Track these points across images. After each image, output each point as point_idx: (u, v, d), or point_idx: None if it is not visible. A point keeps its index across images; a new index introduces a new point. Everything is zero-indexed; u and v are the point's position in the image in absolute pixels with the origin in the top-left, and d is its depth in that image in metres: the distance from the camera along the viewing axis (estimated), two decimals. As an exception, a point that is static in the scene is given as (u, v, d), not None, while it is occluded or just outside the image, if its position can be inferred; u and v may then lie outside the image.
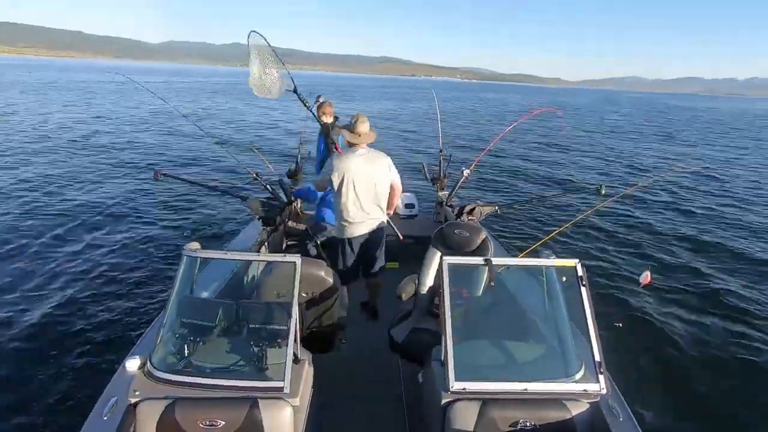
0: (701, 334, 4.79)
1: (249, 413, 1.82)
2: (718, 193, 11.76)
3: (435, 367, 2.07)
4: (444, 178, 5.05)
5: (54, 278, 5.09)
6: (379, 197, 3.35)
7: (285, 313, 2.05)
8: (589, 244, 7.19)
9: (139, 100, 26.03)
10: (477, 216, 3.87)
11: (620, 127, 30.19)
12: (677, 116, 47.39)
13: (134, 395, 1.87)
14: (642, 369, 4.09)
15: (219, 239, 6.43)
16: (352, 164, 3.21)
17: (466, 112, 34.67)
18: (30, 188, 8.49)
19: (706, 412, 3.65)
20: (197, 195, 8.23)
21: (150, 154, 12.40)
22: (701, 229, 8.51)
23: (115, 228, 6.73)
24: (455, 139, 17.02)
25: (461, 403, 1.91)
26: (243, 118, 18.06)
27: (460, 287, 2.33)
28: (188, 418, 1.82)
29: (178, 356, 2.02)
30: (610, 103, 72.20)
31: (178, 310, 2.15)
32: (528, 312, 2.50)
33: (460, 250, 2.87)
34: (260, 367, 1.96)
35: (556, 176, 12.94)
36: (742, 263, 6.86)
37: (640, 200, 10.13)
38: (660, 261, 6.74)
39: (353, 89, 65.90)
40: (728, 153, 20.10)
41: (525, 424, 1.89)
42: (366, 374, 3.09)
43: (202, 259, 2.30)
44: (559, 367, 2.08)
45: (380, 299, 3.80)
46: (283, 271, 2.24)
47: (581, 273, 2.14)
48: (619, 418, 1.91)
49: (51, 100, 25.74)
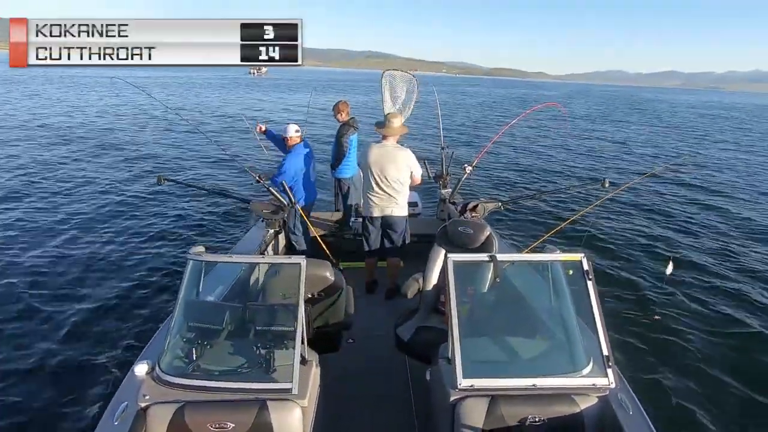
0: (711, 326, 4.76)
1: (258, 415, 1.83)
2: (726, 185, 11.73)
3: (442, 364, 2.07)
4: (446, 175, 5.03)
5: (60, 286, 5.10)
6: (395, 185, 3.77)
7: (291, 315, 2.05)
8: (594, 237, 7.16)
9: (136, 99, 25.99)
10: (480, 213, 3.85)
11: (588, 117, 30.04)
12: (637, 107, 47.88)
13: (144, 400, 1.88)
14: (651, 362, 4.07)
15: (223, 242, 6.45)
16: (374, 154, 3.74)
17: (451, 106, 34.58)
18: (35, 195, 8.52)
19: (717, 405, 3.63)
20: (201, 199, 8.24)
21: (152, 159, 12.39)
22: (710, 221, 8.48)
23: (120, 234, 6.74)
24: (455, 136, 16.99)
25: (470, 400, 1.91)
26: (242, 117, 18.06)
27: (465, 284, 2.32)
28: (198, 421, 1.83)
29: (187, 360, 2.02)
30: (582, 96, 72.35)
31: (185, 314, 2.16)
32: (534, 307, 2.49)
33: (465, 247, 2.87)
34: (268, 369, 1.97)
35: (559, 171, 12.89)
36: (752, 253, 6.82)
37: (645, 192, 10.09)
38: (668, 253, 6.71)
39: (345, 84, 65.91)
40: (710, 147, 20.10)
41: (534, 419, 1.89)
42: (373, 373, 3.09)
43: (208, 263, 2.30)
44: (567, 362, 2.07)
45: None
46: (289, 273, 2.24)
47: (587, 267, 2.13)
48: (629, 412, 1.90)
49: (49, 99, 25.71)
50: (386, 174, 3.73)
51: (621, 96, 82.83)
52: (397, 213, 3.87)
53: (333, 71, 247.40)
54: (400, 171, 3.74)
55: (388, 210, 3.84)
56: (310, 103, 6.32)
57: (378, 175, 3.74)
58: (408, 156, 3.77)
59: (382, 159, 3.72)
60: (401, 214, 3.90)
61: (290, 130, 4.28)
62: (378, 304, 3.96)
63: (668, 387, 3.75)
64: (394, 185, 3.77)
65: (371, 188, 3.81)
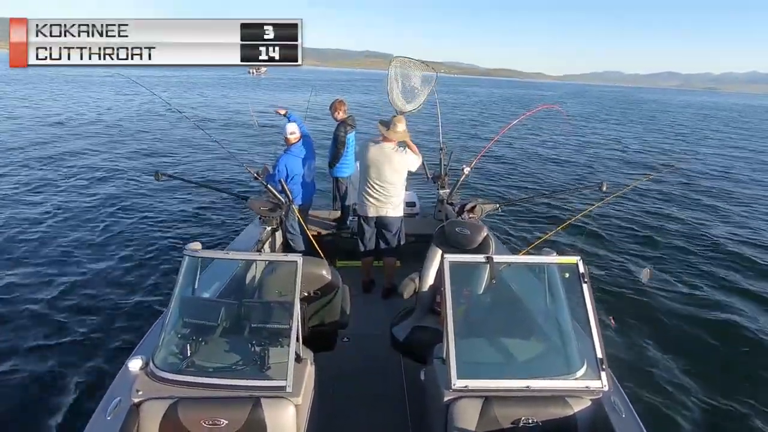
0: (704, 330, 4.77)
1: (252, 412, 1.84)
2: (720, 188, 11.75)
3: (437, 365, 2.07)
4: (445, 175, 5.03)
5: (55, 280, 5.11)
6: (389, 187, 3.76)
7: (287, 313, 2.06)
8: (590, 240, 7.17)
9: (135, 96, 25.95)
10: (478, 214, 3.86)
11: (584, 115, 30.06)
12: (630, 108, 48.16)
13: (137, 395, 1.88)
14: (644, 365, 4.09)
15: (220, 239, 6.45)
16: (372, 154, 3.72)
17: (451, 106, 34.60)
18: (30, 191, 8.51)
19: (709, 408, 3.65)
20: (198, 195, 8.26)
21: (150, 155, 12.42)
22: (705, 225, 8.49)
23: (117, 229, 6.75)
24: (454, 137, 16.99)
25: (463, 400, 1.92)
26: (242, 117, 18.07)
27: (461, 285, 2.33)
28: (191, 417, 1.83)
29: (181, 356, 2.03)
30: (580, 96, 72.51)
31: (180, 310, 2.17)
32: (530, 309, 2.51)
33: (462, 248, 2.87)
34: (262, 366, 1.97)
35: (557, 173, 12.91)
36: (745, 258, 6.84)
37: (643, 196, 10.11)
38: (662, 257, 6.73)
39: (347, 83, 65.95)
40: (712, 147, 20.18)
41: (527, 421, 1.90)
42: (368, 372, 3.10)
43: (204, 260, 2.31)
44: (561, 364, 2.09)
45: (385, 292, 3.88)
46: (285, 271, 2.25)
47: (583, 270, 2.14)
48: (622, 415, 1.91)
49: (48, 96, 25.66)
50: (382, 175, 3.72)
51: (618, 97, 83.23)
52: (392, 213, 3.87)
53: (333, 71, 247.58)
54: (396, 173, 3.73)
55: (383, 210, 3.83)
56: (310, 102, 6.33)
57: (374, 176, 3.73)
58: (405, 159, 3.76)
59: (379, 160, 3.71)
60: (396, 215, 3.90)
61: (286, 130, 4.29)
62: (374, 304, 3.97)
63: (661, 390, 3.77)
64: (389, 187, 3.76)
65: (367, 188, 3.81)
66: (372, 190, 3.78)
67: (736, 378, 4.03)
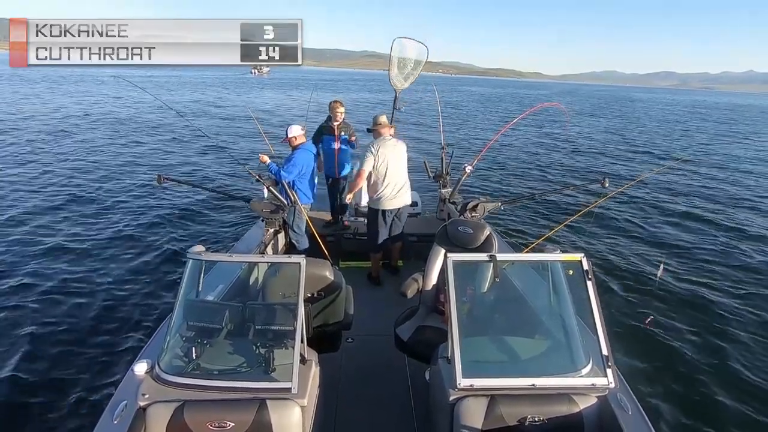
0: (710, 326, 4.75)
1: (257, 414, 1.83)
2: (723, 185, 11.72)
3: (442, 364, 2.06)
4: (446, 174, 5.03)
5: (60, 285, 5.10)
6: (404, 174, 4.07)
7: (291, 314, 2.05)
8: (594, 237, 7.16)
9: (135, 96, 25.93)
10: (480, 212, 3.86)
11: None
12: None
13: (143, 399, 1.88)
14: (651, 362, 4.06)
15: (223, 242, 6.45)
16: (383, 151, 3.92)
17: (451, 106, 34.57)
18: (32, 195, 8.51)
19: (715, 406, 3.63)
20: (201, 198, 8.25)
21: (152, 158, 12.41)
22: (711, 219, 8.47)
23: (120, 233, 6.74)
24: (455, 135, 16.99)
25: (469, 399, 1.91)
26: (245, 118, 18.12)
27: (465, 284, 2.32)
28: (197, 420, 1.83)
29: (186, 359, 2.02)
30: (578, 96, 72.54)
31: (185, 313, 2.16)
32: (534, 307, 2.49)
33: (464, 247, 2.87)
34: (268, 368, 1.97)
35: (559, 170, 12.89)
36: (753, 252, 6.81)
37: (645, 191, 10.09)
38: (667, 253, 6.70)
39: (350, 83, 65.95)
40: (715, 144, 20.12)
41: (533, 419, 1.89)
42: (372, 373, 3.09)
43: (207, 262, 2.30)
44: (567, 362, 2.07)
45: (387, 292, 3.93)
46: (288, 272, 2.24)
47: (587, 267, 2.12)
48: (628, 412, 1.90)
49: (48, 96, 25.66)
50: (397, 166, 3.98)
51: (616, 96, 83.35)
52: (408, 201, 4.16)
53: (332, 71, 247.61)
54: (402, 161, 4.06)
55: (402, 200, 4.08)
56: (311, 101, 6.33)
57: (390, 169, 3.95)
58: (403, 146, 4.11)
59: (390, 153, 3.95)
60: (410, 202, 4.22)
61: (296, 129, 4.25)
62: (378, 304, 3.96)
63: (668, 387, 3.75)
64: (404, 176, 4.06)
65: (386, 183, 3.97)
66: (392, 182, 3.98)
67: (745, 375, 4.01)
